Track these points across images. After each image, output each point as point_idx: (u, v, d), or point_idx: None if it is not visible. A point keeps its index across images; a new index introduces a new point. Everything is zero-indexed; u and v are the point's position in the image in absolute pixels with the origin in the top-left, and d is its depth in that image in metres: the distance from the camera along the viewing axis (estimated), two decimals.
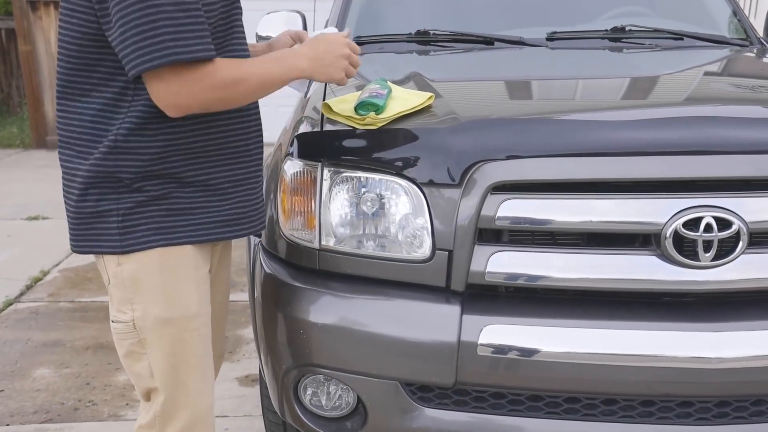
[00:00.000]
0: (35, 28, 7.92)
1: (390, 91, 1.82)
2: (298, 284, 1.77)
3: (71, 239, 1.57)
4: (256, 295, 1.92)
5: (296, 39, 1.88)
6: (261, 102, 1.66)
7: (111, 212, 1.51)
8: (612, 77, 2.25)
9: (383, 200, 1.73)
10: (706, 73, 2.33)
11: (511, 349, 1.60)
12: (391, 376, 1.68)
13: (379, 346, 1.67)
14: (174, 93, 1.41)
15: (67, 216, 1.57)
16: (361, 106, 1.75)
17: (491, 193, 1.64)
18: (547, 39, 2.65)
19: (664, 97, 2.03)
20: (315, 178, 1.77)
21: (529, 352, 1.60)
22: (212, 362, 1.68)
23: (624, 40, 2.70)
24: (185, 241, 1.55)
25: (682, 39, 2.72)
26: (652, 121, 1.69)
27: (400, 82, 2.05)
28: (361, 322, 1.69)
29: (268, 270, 1.88)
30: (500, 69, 2.39)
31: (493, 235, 1.71)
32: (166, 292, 1.55)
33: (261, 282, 1.90)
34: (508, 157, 1.64)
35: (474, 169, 1.65)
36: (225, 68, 1.45)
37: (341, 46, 1.64)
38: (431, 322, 1.65)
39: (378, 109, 1.74)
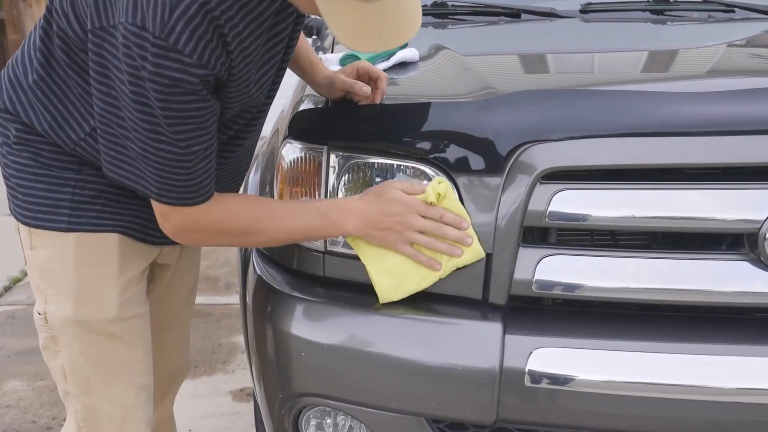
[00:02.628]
0: (25, 17, 7.85)
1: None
2: (299, 295, 1.46)
3: None
4: (247, 304, 1.61)
5: (364, 77, 1.55)
6: None
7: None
8: (676, 48, 1.92)
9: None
10: None
11: (568, 379, 1.27)
12: (414, 411, 1.37)
13: (400, 373, 1.35)
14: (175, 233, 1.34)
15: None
16: None
17: (541, 183, 1.33)
18: (581, 11, 2.35)
19: (751, 68, 1.69)
20: (320, 165, 1.46)
21: (592, 384, 1.27)
22: (148, 372, 1.51)
23: (668, 12, 2.39)
24: (110, 229, 1.37)
25: (733, 11, 2.41)
26: (749, 92, 1.36)
27: (423, 58, 1.77)
28: (378, 344, 1.37)
29: (262, 276, 1.56)
30: (536, 42, 2.06)
31: (541, 234, 1.39)
32: (80, 289, 1.38)
33: (254, 290, 1.58)
34: (563, 138, 1.32)
35: (519, 152, 1.33)
36: (239, 216, 1.33)
37: (409, 211, 1.33)
38: (465, 344, 1.34)
39: None
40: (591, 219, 1.32)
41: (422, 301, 1.40)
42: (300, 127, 1.55)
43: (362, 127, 1.50)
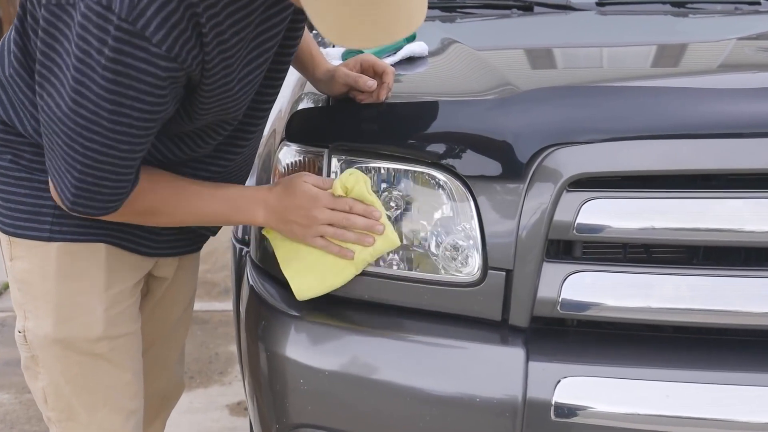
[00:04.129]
0: None
1: None
2: (296, 313, 1.32)
3: None
4: (241, 322, 1.48)
5: (368, 71, 1.42)
6: None
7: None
8: (710, 41, 1.77)
9: (413, 200, 1.29)
10: None
11: (601, 413, 1.14)
12: None
13: (410, 403, 1.22)
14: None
15: None
16: None
17: (567, 191, 1.19)
18: (597, 3, 2.24)
19: None
20: (320, 170, 1.34)
21: (629, 418, 1.14)
22: (137, 397, 1.41)
23: (690, 4, 2.26)
24: (96, 238, 1.27)
25: (759, 3, 2.27)
26: None
27: (434, 53, 1.65)
28: (385, 370, 1.24)
29: (256, 290, 1.43)
30: (552, 36, 1.93)
31: (566, 248, 1.26)
32: (62, 304, 1.28)
33: (246, 305, 1.46)
34: (593, 140, 1.18)
35: (543, 156, 1.20)
36: (144, 196, 1.20)
37: (315, 205, 1.25)
38: (484, 372, 1.20)
39: None
40: (624, 232, 1.19)
41: (434, 323, 1.27)
42: (298, 127, 1.42)
43: (367, 128, 1.38)
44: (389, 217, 1.27)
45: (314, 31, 2.50)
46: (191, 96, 1.12)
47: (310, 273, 1.29)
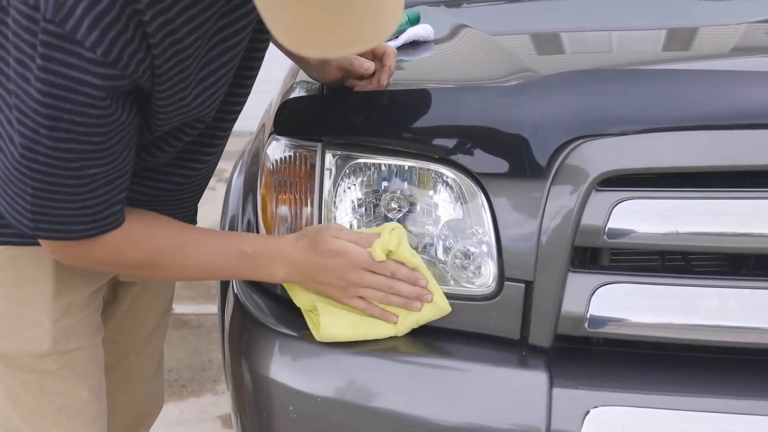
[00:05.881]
0: None
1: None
2: (286, 330, 1.19)
3: None
4: (225, 340, 1.34)
5: (367, 53, 1.26)
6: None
7: None
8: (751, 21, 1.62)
9: (417, 200, 1.17)
10: None
11: None
12: None
13: None
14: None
15: None
16: None
17: (597, 190, 1.06)
18: None
19: None
20: (312, 167, 1.21)
21: None
22: (98, 418, 1.28)
23: None
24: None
25: None
26: None
27: (443, 38, 1.52)
28: (387, 397, 1.10)
29: (242, 302, 1.30)
30: (572, 19, 1.79)
31: (594, 256, 1.13)
32: (2, 316, 1.17)
33: (231, 320, 1.33)
34: (627, 131, 1.05)
35: (568, 151, 1.06)
36: (138, 244, 1.10)
37: (351, 267, 1.11)
38: (499, 399, 1.06)
39: None
40: (664, 238, 1.05)
41: (443, 342, 1.13)
42: (288, 120, 1.29)
43: (365, 119, 1.25)
44: (436, 280, 1.13)
45: None
46: (146, 106, 1.00)
47: (342, 318, 1.14)
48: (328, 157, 1.20)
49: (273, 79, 1.74)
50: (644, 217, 1.05)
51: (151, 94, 0.97)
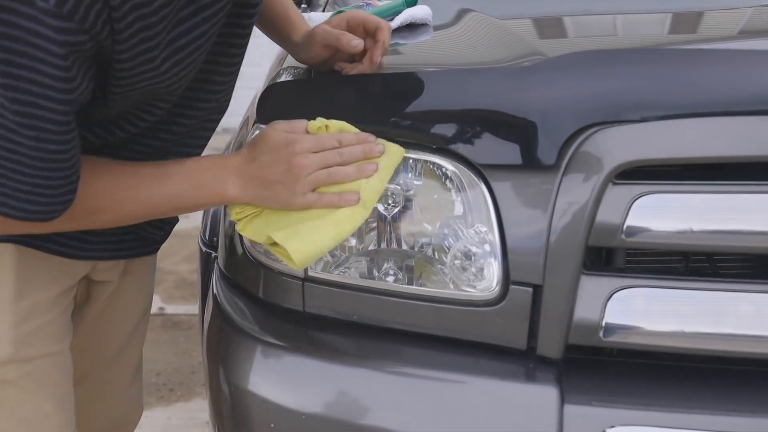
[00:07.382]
0: None
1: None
2: (269, 338, 1.09)
3: None
4: (203, 346, 1.25)
5: (357, 29, 1.19)
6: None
7: None
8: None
9: (414, 195, 1.08)
10: None
11: None
12: None
13: None
14: None
15: None
16: None
17: (614, 183, 0.96)
18: None
19: None
20: None
21: None
22: (65, 429, 1.21)
23: None
24: (2, 237, 1.07)
25: None
26: None
27: (446, 23, 1.43)
28: (379, 413, 1.01)
29: (222, 305, 1.20)
30: (585, 4, 1.69)
31: (608, 257, 1.03)
32: None
33: (210, 325, 1.23)
34: (648, 117, 0.94)
35: (583, 138, 0.96)
36: (82, 191, 1.00)
37: (295, 152, 1.03)
38: (503, 417, 0.96)
39: None
40: (691, 237, 0.95)
41: (441, 352, 1.03)
42: (272, 107, 1.19)
43: (355, 105, 1.15)
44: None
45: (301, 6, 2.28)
46: (105, 72, 0.92)
47: (304, 232, 1.05)
48: None
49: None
50: (667, 214, 0.95)
51: (111, 57, 0.90)
